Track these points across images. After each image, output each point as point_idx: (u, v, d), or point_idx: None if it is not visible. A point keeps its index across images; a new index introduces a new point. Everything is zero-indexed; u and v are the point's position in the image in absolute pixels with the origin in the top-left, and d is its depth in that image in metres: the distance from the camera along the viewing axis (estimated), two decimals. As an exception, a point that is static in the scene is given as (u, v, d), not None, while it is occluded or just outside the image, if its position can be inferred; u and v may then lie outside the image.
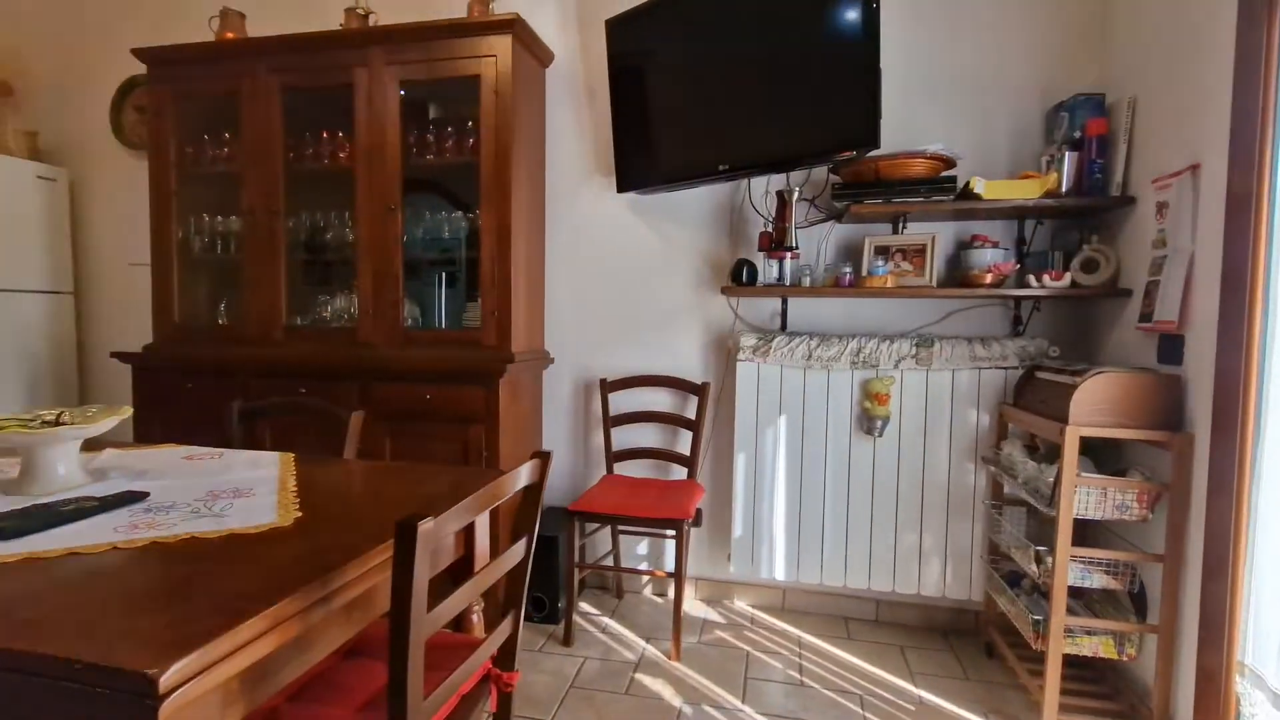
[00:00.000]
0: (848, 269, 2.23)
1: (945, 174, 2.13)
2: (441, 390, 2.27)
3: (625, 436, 2.61)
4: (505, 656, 1.21)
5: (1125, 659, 1.78)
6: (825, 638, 2.28)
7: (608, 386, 2.53)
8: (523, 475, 1.13)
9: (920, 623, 2.39)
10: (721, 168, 2.22)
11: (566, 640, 2.19)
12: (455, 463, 2.27)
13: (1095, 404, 1.70)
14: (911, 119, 2.29)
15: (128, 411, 1.29)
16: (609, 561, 2.56)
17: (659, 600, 2.57)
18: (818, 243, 2.41)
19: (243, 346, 2.53)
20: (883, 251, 2.25)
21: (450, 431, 2.27)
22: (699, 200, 2.52)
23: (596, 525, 2.55)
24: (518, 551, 1.16)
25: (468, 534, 1.31)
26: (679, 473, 2.57)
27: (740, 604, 2.55)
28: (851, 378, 2.27)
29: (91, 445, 1.53)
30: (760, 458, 2.36)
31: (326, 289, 2.74)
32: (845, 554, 2.31)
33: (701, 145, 2.27)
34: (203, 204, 2.71)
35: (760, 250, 2.33)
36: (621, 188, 2.47)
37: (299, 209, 2.61)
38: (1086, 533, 2.00)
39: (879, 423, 2.23)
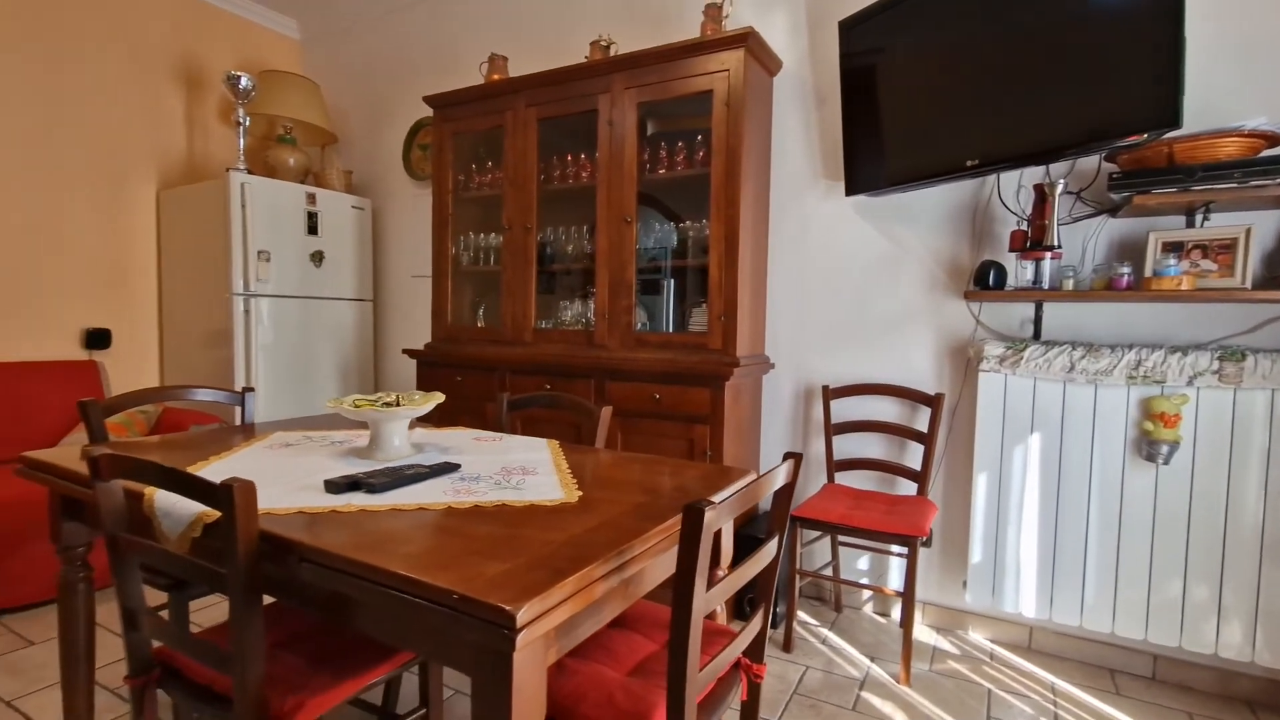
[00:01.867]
0: (1125, 269, 1.95)
1: (1267, 153, 1.77)
2: (669, 390, 2.40)
3: (846, 446, 2.54)
4: (753, 649, 1.25)
5: None
6: (1086, 688, 2.01)
7: (830, 393, 2.48)
8: (780, 475, 1.17)
9: (1215, 688, 2.00)
10: (969, 164, 2.07)
11: (787, 646, 2.18)
12: (681, 459, 2.38)
13: None
14: (1209, 91, 1.93)
15: (441, 398, 1.56)
16: (828, 572, 2.50)
17: (881, 619, 2.45)
18: (1083, 241, 2.14)
19: (500, 346, 2.91)
20: (1174, 248, 1.93)
21: (676, 429, 2.39)
22: (935, 200, 2.37)
23: (817, 535, 2.51)
24: (770, 549, 1.20)
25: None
26: (905, 488, 2.43)
27: (976, 636, 2.34)
28: (1127, 395, 1.98)
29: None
30: (1006, 478, 2.15)
31: (566, 295, 3.04)
32: (1114, 597, 2.01)
33: (944, 142, 2.14)
34: (469, 223, 3.16)
35: (1011, 251, 2.13)
36: (850, 191, 2.41)
37: (545, 224, 2.93)
38: None
39: (1164, 448, 1.92)
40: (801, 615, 2.46)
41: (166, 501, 1.12)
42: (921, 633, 2.35)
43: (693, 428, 2.35)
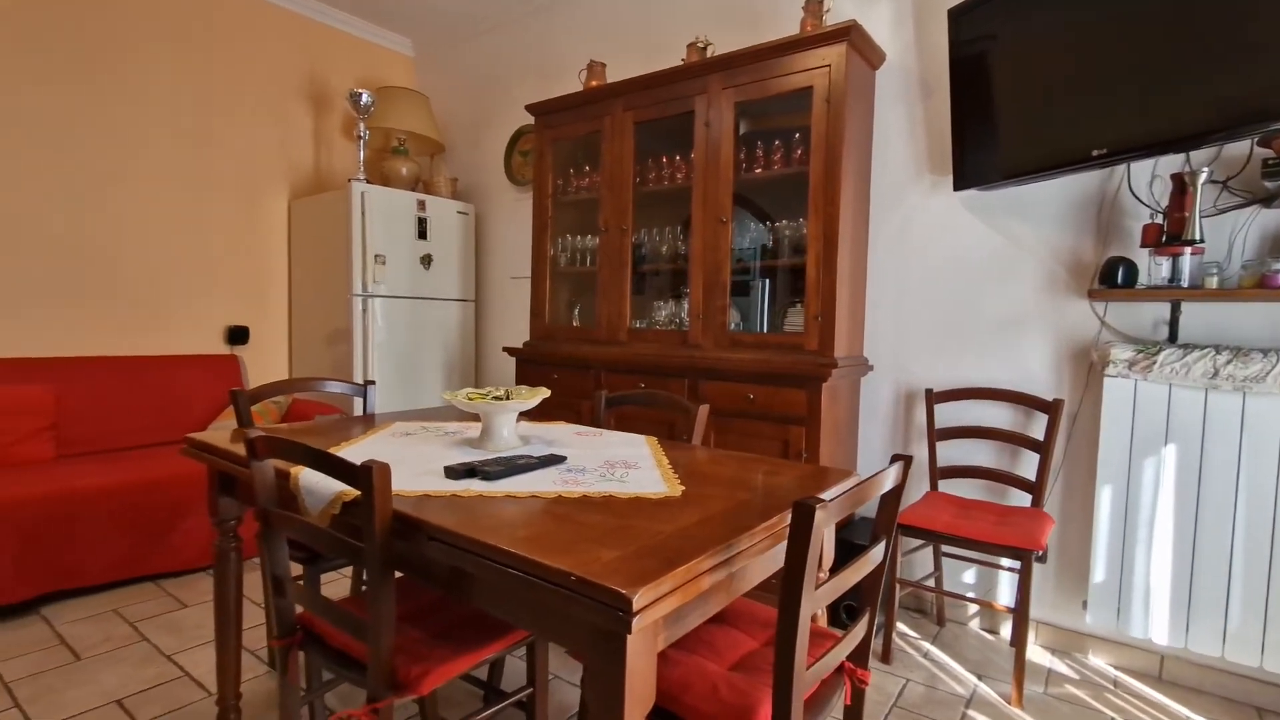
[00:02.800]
0: (1282, 265, 1.76)
1: None
2: (763, 390, 2.38)
3: (950, 452, 2.43)
4: (858, 655, 1.23)
5: None
6: (1228, 727, 1.83)
7: (934, 397, 2.38)
8: (889, 478, 1.14)
9: (1392, 742, 1.76)
10: (1095, 153, 1.93)
11: (885, 657, 2.12)
12: (775, 459, 2.36)
13: None
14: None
15: (546, 393, 1.63)
16: (930, 583, 2.40)
17: (988, 636, 2.32)
18: (1230, 234, 1.94)
19: (594, 345, 2.98)
20: (1345, 241, 1.72)
21: (771, 430, 2.37)
22: (1054, 193, 2.23)
23: (919, 543, 2.41)
24: (878, 553, 1.17)
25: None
26: (1017, 498, 2.30)
27: (1097, 660, 2.17)
28: (1283, 404, 1.78)
29: (510, 417, 1.95)
30: (1135, 493, 1.98)
31: (659, 296, 3.08)
32: (1263, 628, 1.82)
33: (1066, 131, 2.00)
34: (566, 226, 3.27)
35: (1144, 246, 1.97)
36: (959, 185, 2.30)
37: (639, 226, 2.98)
38: None
39: (1330, 465, 1.71)
40: (900, 627, 2.37)
41: (310, 480, 1.23)
42: (1034, 653, 2.21)
43: (788, 428, 2.33)
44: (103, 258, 3.12)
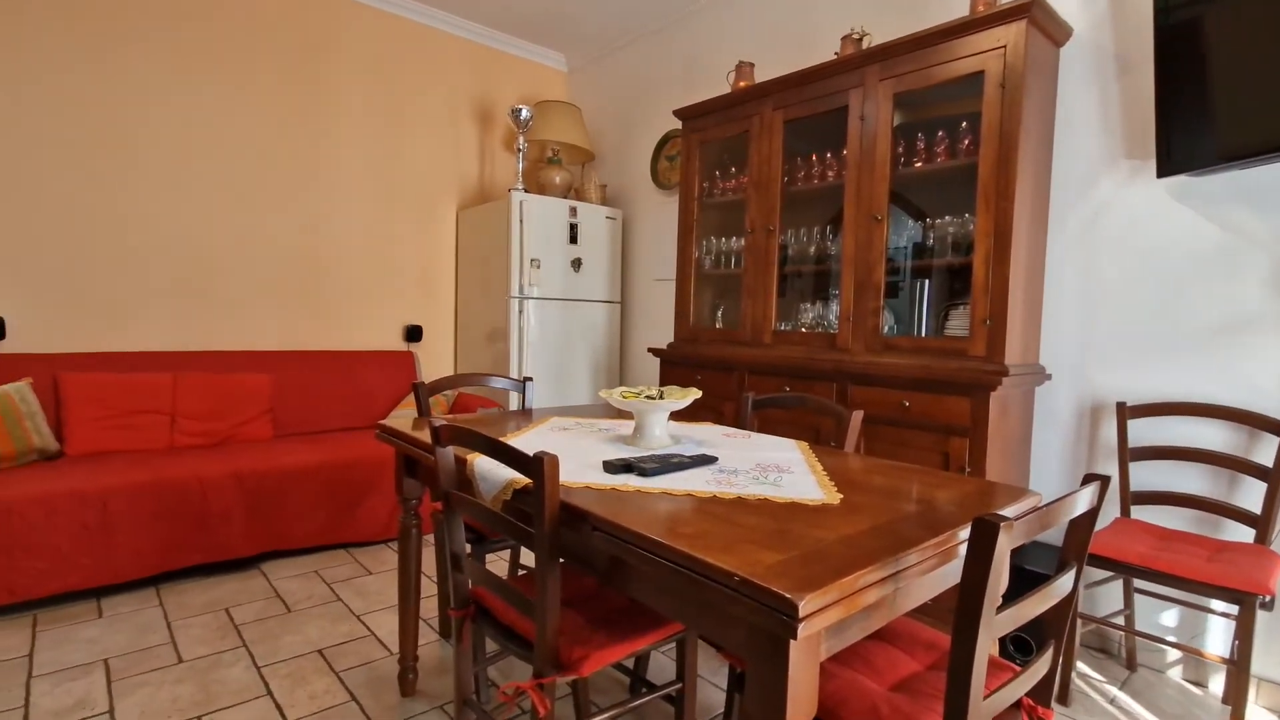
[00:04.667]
0: None
1: None
2: (920, 398, 2.24)
3: (1146, 475, 2.14)
4: (1039, 692, 1.12)
5: None
6: None
7: (1128, 412, 2.11)
8: (1081, 500, 1.03)
9: None
10: (1355, 126, 1.61)
11: (1062, 698, 1.91)
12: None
13: None
14: None
15: (697, 393, 1.65)
16: (1119, 621, 2.13)
17: (1193, 689, 2.02)
18: None
19: (738, 347, 2.97)
20: None
21: (928, 440, 2.22)
22: (1296, 175, 1.89)
23: (1106, 576, 2.15)
24: (1066, 583, 1.06)
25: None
26: (1233, 532, 1.98)
27: (1343, 735, 1.81)
28: None
29: (659, 416, 2.00)
30: (1404, 536, 1.63)
31: (803, 297, 3.00)
32: None
33: (1314, 100, 1.69)
34: (711, 228, 3.28)
35: None
36: (1164, 171, 2.02)
37: (786, 226, 2.93)
38: None
39: None
40: (1081, 666, 2.13)
41: (485, 466, 1.35)
42: (1255, 714, 1.89)
43: (949, 440, 2.17)
44: (312, 265, 3.60)
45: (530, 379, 2.33)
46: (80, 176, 2.97)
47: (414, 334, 3.96)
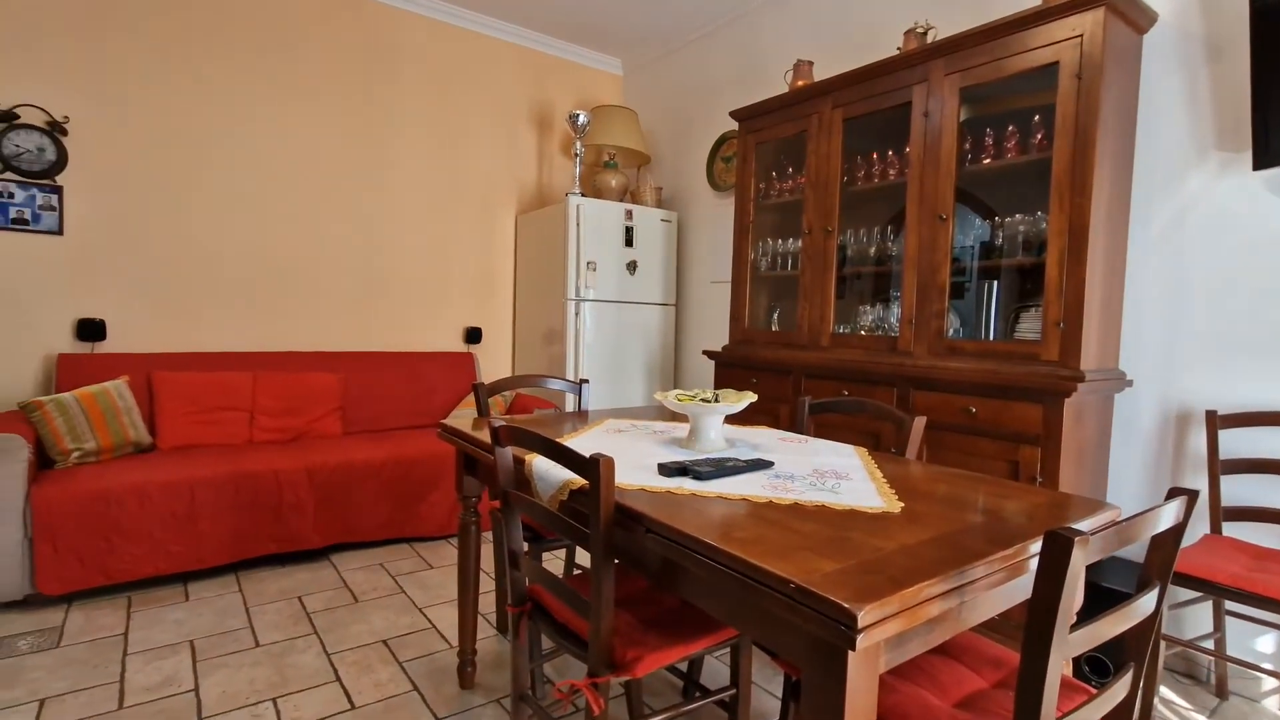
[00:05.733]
0: None
1: None
2: (987, 404, 2.16)
3: (1239, 490, 1.99)
4: (1116, 716, 1.06)
5: None
6: None
7: (1219, 421, 1.97)
8: (1166, 515, 0.97)
9: None
10: None
11: (1142, 723, 1.80)
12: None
13: None
14: None
15: (753, 397, 1.64)
16: (1208, 644, 1.99)
17: (1293, 722, 1.87)
18: None
19: (795, 350, 2.93)
20: None
21: (995, 448, 2.13)
22: None
23: (1193, 596, 2.02)
24: (1148, 603, 1.00)
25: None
26: (1345, 555, 1.82)
27: None
28: None
29: (713, 420, 1.99)
30: None
31: (863, 300, 2.93)
32: None
33: None
34: (767, 230, 3.24)
35: None
36: (1261, 163, 1.88)
37: (845, 227, 2.86)
38: None
39: None
40: (1165, 692, 2.00)
41: (542, 467, 1.37)
42: (1367, 755, 1.73)
43: (1019, 448, 2.08)
44: (378, 271, 3.75)
45: (586, 381, 2.36)
46: (171, 191, 3.18)
47: (474, 336, 4.07)
